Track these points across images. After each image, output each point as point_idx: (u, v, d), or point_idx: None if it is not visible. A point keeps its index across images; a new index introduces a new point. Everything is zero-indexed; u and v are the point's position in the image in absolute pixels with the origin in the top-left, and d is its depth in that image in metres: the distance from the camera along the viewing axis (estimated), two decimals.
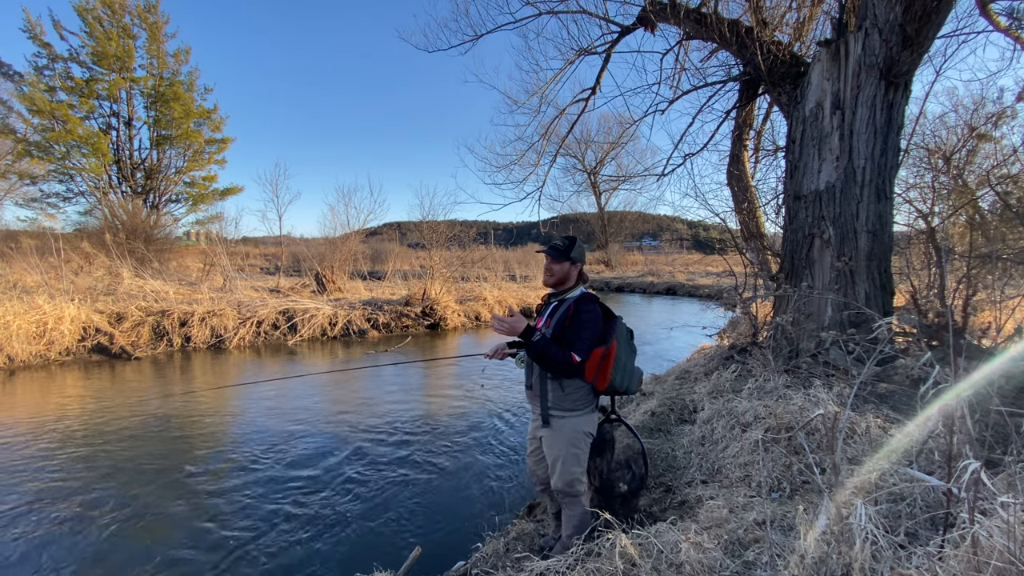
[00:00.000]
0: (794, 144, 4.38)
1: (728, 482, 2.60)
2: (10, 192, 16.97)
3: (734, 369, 4.31)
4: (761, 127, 6.52)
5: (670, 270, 25.99)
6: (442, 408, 5.44)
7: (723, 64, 6.12)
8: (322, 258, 14.00)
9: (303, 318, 9.79)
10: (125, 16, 17.43)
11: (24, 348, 7.23)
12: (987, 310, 3.55)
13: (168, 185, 19.73)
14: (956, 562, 1.26)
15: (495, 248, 21.96)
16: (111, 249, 11.88)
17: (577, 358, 2.02)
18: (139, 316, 8.67)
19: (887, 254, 3.95)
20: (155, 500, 3.37)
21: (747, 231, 5.87)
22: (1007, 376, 2.38)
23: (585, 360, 2.06)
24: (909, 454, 2.09)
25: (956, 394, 1.56)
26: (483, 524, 3.02)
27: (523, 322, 2.00)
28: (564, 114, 7.07)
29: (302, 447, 4.30)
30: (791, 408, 2.94)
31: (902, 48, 3.64)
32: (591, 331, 2.07)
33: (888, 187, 3.93)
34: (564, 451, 2.14)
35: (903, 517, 1.68)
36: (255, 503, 3.34)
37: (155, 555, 2.78)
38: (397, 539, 2.96)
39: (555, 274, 2.20)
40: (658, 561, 1.70)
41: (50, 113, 16.01)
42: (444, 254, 12.89)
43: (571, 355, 2.01)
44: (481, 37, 6.46)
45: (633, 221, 38.95)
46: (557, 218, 35.11)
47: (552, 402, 2.14)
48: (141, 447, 4.30)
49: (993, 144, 4.20)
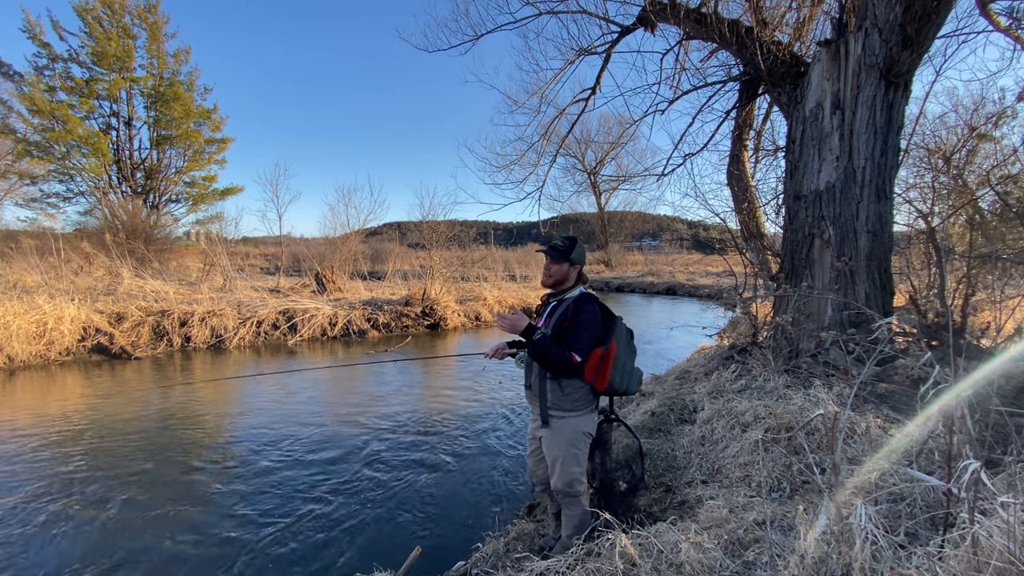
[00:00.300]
0: (794, 144, 4.38)
1: (728, 482, 2.60)
2: (10, 192, 17.00)
3: (734, 369, 4.31)
4: (761, 127, 6.52)
5: (670, 270, 25.98)
6: (442, 408, 5.43)
7: (723, 64, 6.12)
8: (322, 258, 14.00)
9: (303, 318, 9.79)
10: (125, 16, 17.44)
11: (24, 348, 7.23)
12: (987, 310, 3.55)
13: (168, 185, 19.76)
14: (956, 562, 1.26)
15: (495, 248, 21.97)
16: (111, 249, 11.88)
17: (577, 358, 2.02)
18: (139, 316, 8.67)
19: (887, 254, 3.95)
20: (155, 500, 3.37)
21: (747, 231, 5.87)
22: (1007, 376, 2.38)
23: (585, 360, 2.07)
24: (909, 454, 2.09)
25: (956, 394, 1.56)
26: (483, 524, 3.02)
27: (524, 320, 2.03)
28: (564, 114, 7.08)
29: (302, 448, 4.30)
30: (791, 408, 2.94)
31: (902, 48, 3.64)
32: (590, 331, 2.08)
33: (888, 187, 3.93)
34: (564, 451, 2.14)
35: (903, 517, 1.68)
36: (254, 503, 3.34)
37: (155, 555, 2.78)
38: (397, 539, 2.96)
39: (553, 275, 2.21)
40: (658, 561, 1.70)
41: (50, 113, 16.01)
42: (444, 254, 12.89)
43: (571, 355, 2.02)
44: (481, 37, 6.47)
45: (633, 221, 38.95)
46: (557, 218, 35.15)
47: (551, 402, 2.14)
48: (141, 447, 4.29)
49: (993, 144, 4.20)
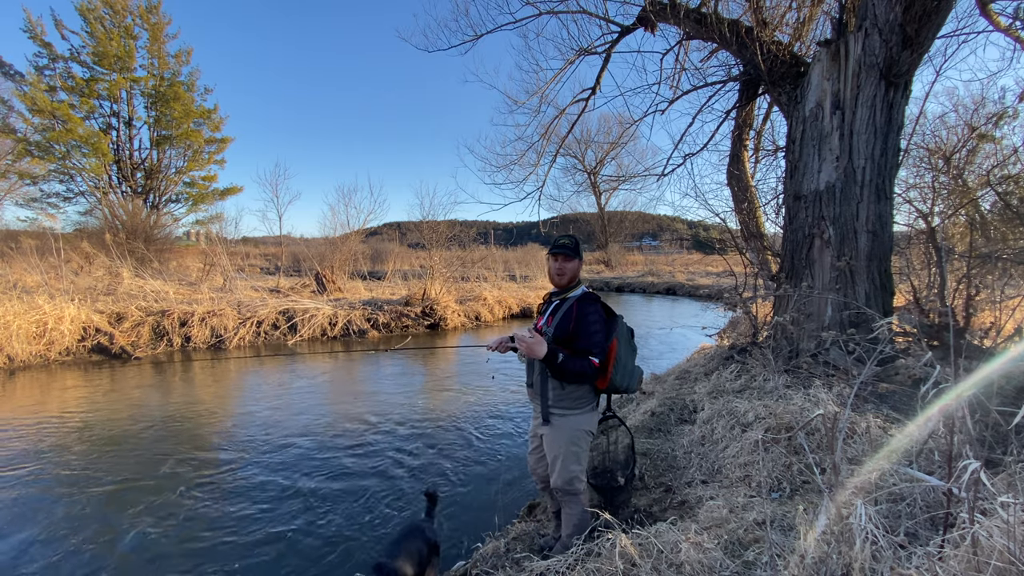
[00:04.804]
0: (794, 144, 4.38)
1: (728, 482, 2.60)
2: (10, 192, 17.00)
3: (734, 369, 4.31)
4: (761, 127, 6.52)
5: (670, 270, 25.96)
6: (442, 408, 5.43)
7: (723, 64, 6.12)
8: (322, 258, 14.00)
9: (303, 318, 9.79)
10: (127, 17, 17.46)
11: (24, 348, 7.23)
12: (987, 310, 3.56)
13: (168, 185, 19.77)
14: (956, 562, 1.26)
15: (495, 248, 21.96)
16: (111, 249, 11.88)
17: (596, 362, 2.04)
18: (139, 316, 8.67)
19: (887, 254, 3.95)
20: (154, 498, 3.37)
21: (747, 231, 5.87)
22: (1007, 376, 2.38)
23: (604, 362, 2.09)
24: (909, 454, 2.09)
25: (956, 394, 1.56)
26: (483, 524, 3.02)
27: (543, 344, 1.99)
28: (564, 114, 7.08)
29: (301, 446, 4.30)
30: (791, 408, 2.94)
31: (902, 48, 3.64)
32: (602, 332, 2.10)
33: (888, 187, 3.93)
34: (564, 449, 2.14)
35: (903, 517, 1.68)
36: (253, 502, 3.34)
37: (155, 555, 2.78)
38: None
39: (568, 272, 2.20)
40: (658, 561, 1.70)
41: (50, 113, 16.02)
42: (444, 254, 12.89)
43: (590, 360, 2.03)
44: (481, 37, 6.47)
45: (633, 221, 38.97)
46: (557, 218, 35.15)
47: (553, 400, 2.14)
48: (142, 446, 4.29)
49: (993, 144, 4.20)
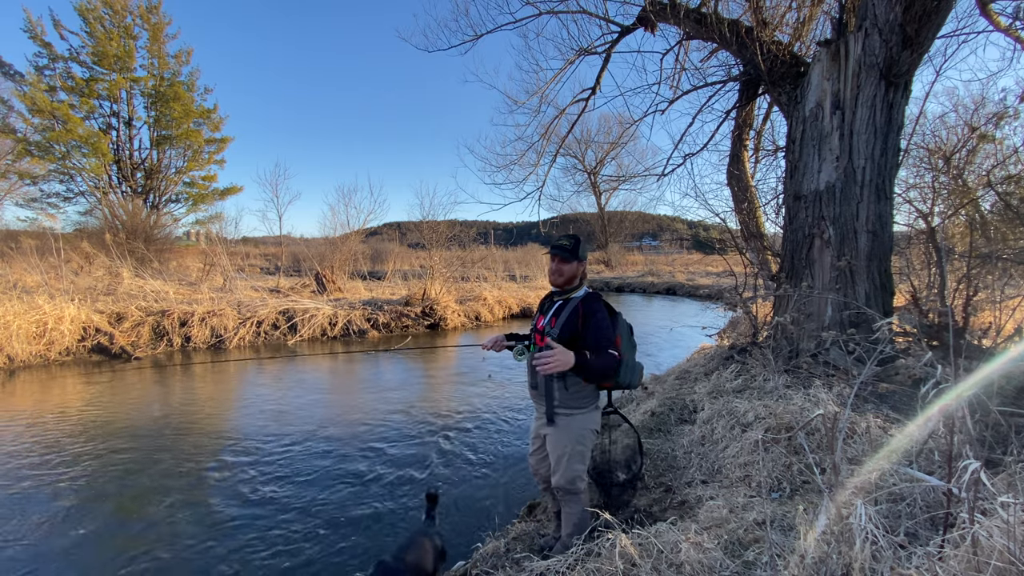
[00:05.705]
0: (794, 144, 4.38)
1: (728, 482, 2.60)
2: (10, 192, 17.00)
3: (734, 369, 4.31)
4: (761, 127, 6.52)
5: (670, 270, 25.95)
6: (441, 408, 5.43)
7: (723, 64, 6.12)
8: (322, 258, 13.99)
9: (303, 318, 9.79)
10: (127, 17, 17.45)
11: (24, 348, 7.22)
12: (987, 310, 3.56)
13: (168, 185, 19.77)
14: (956, 562, 1.26)
15: (495, 248, 21.95)
16: (111, 249, 11.87)
17: (616, 354, 2.07)
18: (139, 316, 8.66)
19: (887, 254, 3.95)
20: (154, 499, 3.37)
21: (747, 231, 5.87)
22: (1007, 376, 2.38)
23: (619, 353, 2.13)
24: (909, 454, 2.09)
25: (956, 394, 1.56)
26: (483, 524, 3.02)
27: (570, 355, 1.97)
28: (564, 114, 7.07)
29: (301, 447, 4.30)
30: (791, 408, 2.94)
31: (902, 48, 3.64)
32: (611, 328, 2.14)
33: (888, 187, 3.93)
34: (570, 448, 2.15)
35: (903, 517, 1.68)
36: (253, 503, 3.34)
37: (154, 555, 2.78)
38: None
39: (565, 274, 2.22)
40: (658, 561, 1.70)
41: (50, 113, 16.02)
42: (444, 254, 12.88)
43: (611, 354, 2.05)
44: (481, 37, 6.47)
45: (633, 221, 38.94)
46: (557, 218, 35.17)
47: (559, 401, 2.16)
48: (141, 446, 4.29)
49: (994, 144, 4.20)
